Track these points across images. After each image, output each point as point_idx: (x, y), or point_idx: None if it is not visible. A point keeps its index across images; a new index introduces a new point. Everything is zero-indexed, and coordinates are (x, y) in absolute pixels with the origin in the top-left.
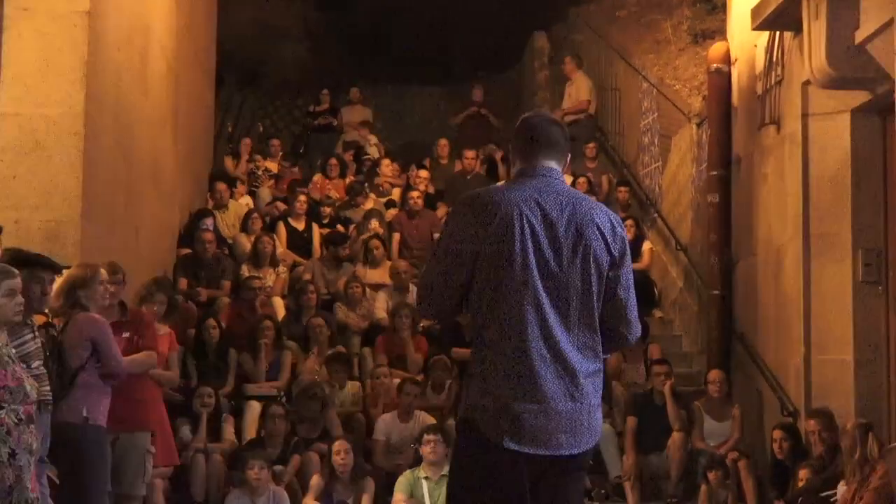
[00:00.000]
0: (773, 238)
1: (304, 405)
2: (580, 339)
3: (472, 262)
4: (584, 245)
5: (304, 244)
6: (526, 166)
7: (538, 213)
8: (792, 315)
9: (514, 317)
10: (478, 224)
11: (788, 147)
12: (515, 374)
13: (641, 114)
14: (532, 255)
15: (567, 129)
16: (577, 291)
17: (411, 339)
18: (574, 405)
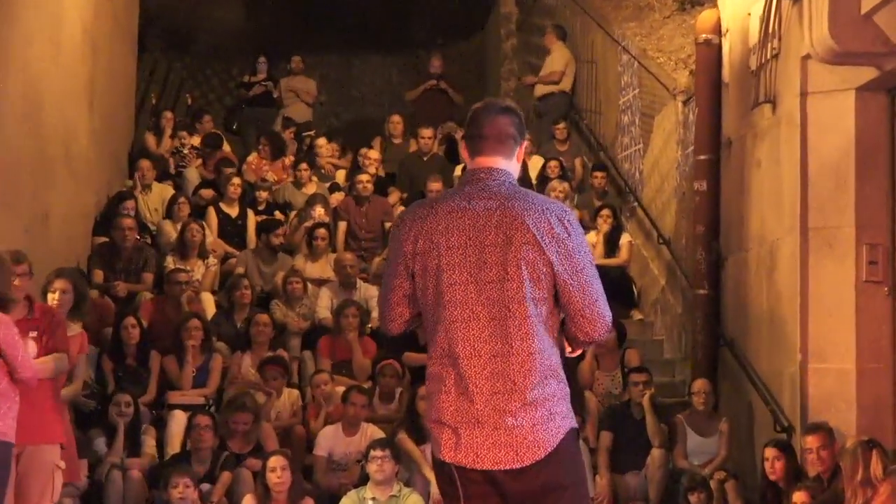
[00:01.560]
0: (766, 231)
1: (233, 416)
2: (524, 352)
3: (410, 278)
4: (513, 250)
5: (238, 233)
6: (468, 167)
7: (465, 223)
8: (787, 318)
9: (450, 335)
10: (407, 241)
11: (785, 129)
12: (454, 391)
13: (621, 90)
14: (460, 270)
15: (521, 115)
16: (513, 300)
17: (358, 341)
18: (514, 420)
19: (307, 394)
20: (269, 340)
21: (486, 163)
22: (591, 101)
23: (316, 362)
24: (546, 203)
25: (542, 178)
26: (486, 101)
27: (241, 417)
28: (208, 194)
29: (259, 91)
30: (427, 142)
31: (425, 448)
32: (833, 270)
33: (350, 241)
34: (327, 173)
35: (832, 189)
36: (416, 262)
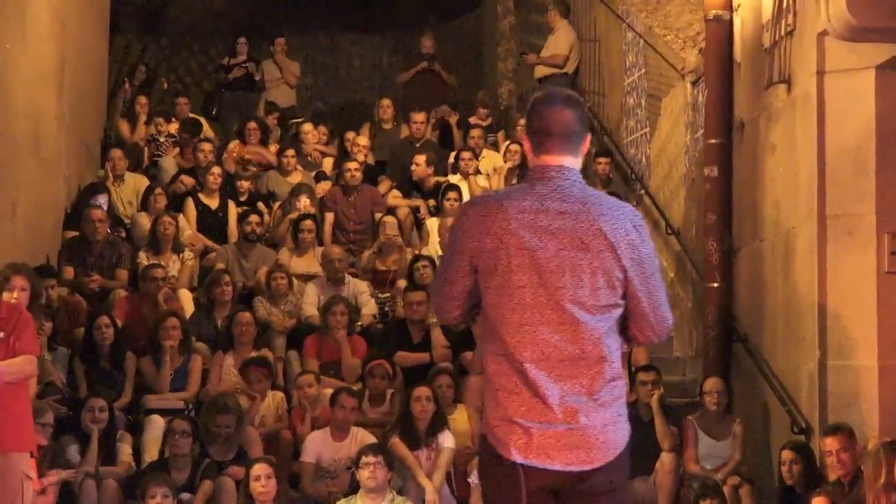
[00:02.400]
0: (782, 220)
1: (214, 419)
2: (592, 355)
3: (472, 273)
4: (589, 258)
5: (219, 226)
6: (534, 164)
7: (538, 225)
8: (804, 312)
9: (517, 338)
10: (473, 237)
11: (801, 110)
12: (525, 392)
13: (625, 70)
14: (530, 273)
15: (584, 106)
16: (587, 307)
17: (347, 340)
18: (587, 421)
19: (293, 397)
20: (252, 340)
21: (553, 161)
22: (593, 82)
23: (302, 363)
24: (620, 207)
25: None
26: (548, 92)
27: (223, 420)
28: (188, 181)
29: (239, 74)
30: (419, 127)
31: (419, 453)
32: (853, 261)
33: (338, 233)
34: (313, 161)
35: (851, 174)
36: (481, 260)
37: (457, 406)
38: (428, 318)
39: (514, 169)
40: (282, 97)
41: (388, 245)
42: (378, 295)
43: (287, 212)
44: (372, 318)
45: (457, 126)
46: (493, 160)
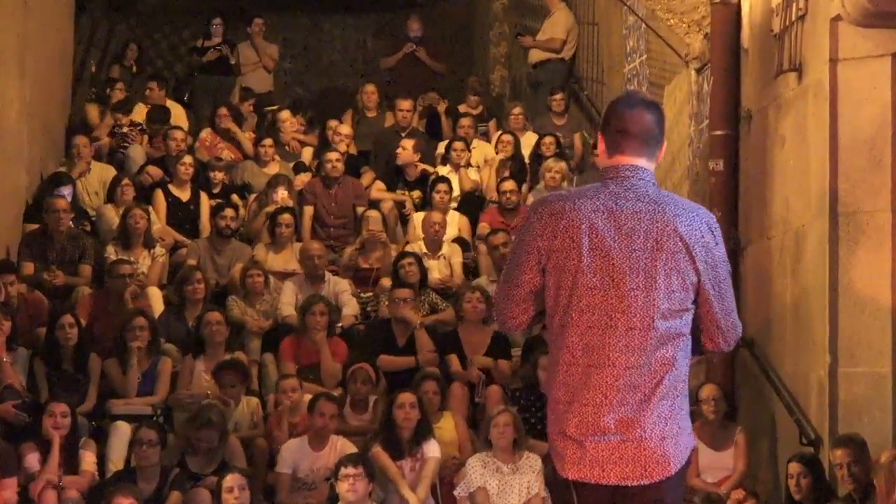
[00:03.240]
0: (791, 217)
1: (196, 433)
2: (658, 362)
3: (541, 275)
4: (663, 259)
5: (190, 219)
6: (608, 164)
7: (611, 225)
8: (814, 315)
9: (584, 341)
10: (543, 235)
11: (812, 100)
12: (583, 401)
13: (626, 56)
14: (602, 274)
15: (663, 111)
16: (660, 311)
17: (326, 342)
18: (643, 433)
19: (269, 402)
20: (224, 341)
21: (628, 161)
22: (592, 68)
23: (279, 366)
24: (695, 208)
25: (535, 156)
26: (629, 94)
27: (206, 434)
28: (156, 172)
29: (213, 57)
30: (405, 115)
31: (402, 464)
32: (866, 261)
33: (317, 228)
34: (292, 151)
35: (865, 168)
36: (550, 260)
37: (443, 414)
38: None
39: (507, 161)
40: (258, 82)
41: (371, 241)
42: (360, 294)
43: (263, 205)
44: (353, 319)
45: (445, 114)
46: (483, 151)
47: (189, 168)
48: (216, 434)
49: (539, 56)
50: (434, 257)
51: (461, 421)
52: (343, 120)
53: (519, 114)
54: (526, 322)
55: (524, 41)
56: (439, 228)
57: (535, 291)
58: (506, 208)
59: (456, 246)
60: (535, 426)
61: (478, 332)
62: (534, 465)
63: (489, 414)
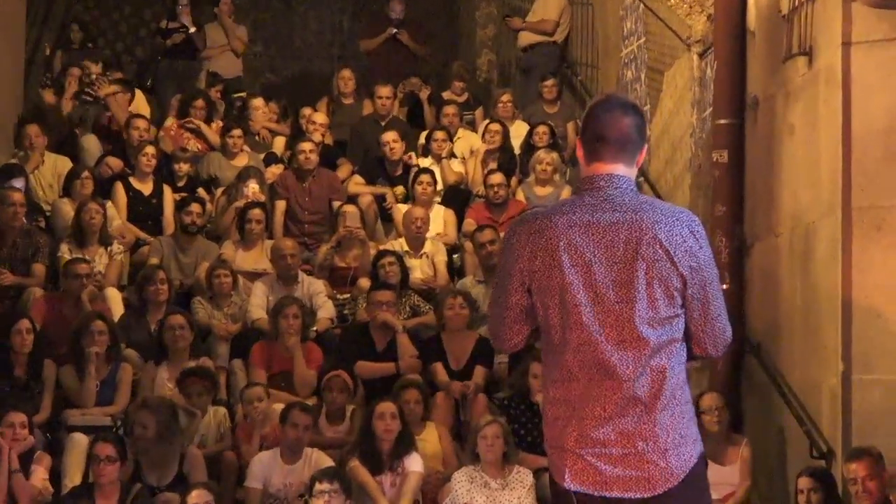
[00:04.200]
0: (801, 212)
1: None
2: (653, 371)
3: (527, 295)
4: (644, 268)
5: (152, 214)
6: (585, 174)
7: (589, 239)
8: (826, 319)
9: (578, 358)
10: (523, 257)
11: (824, 87)
12: (580, 415)
13: (623, 38)
14: (586, 290)
15: (643, 114)
16: (647, 321)
17: (300, 348)
18: (644, 445)
19: (237, 412)
20: (188, 347)
21: (604, 169)
22: (586, 52)
23: (248, 373)
24: (675, 212)
25: (527, 146)
26: (607, 97)
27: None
28: (116, 164)
29: (178, 39)
30: (385, 102)
31: (382, 479)
32: (882, 259)
33: (290, 224)
34: (262, 141)
35: (880, 160)
36: (534, 280)
37: (426, 424)
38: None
39: (494, 152)
40: (226, 67)
41: (348, 238)
42: (336, 296)
43: (232, 199)
44: (329, 323)
45: (428, 102)
46: (469, 141)
47: (151, 159)
48: (152, 420)
49: (529, 39)
50: (416, 256)
51: (446, 432)
52: (318, 108)
53: (507, 101)
54: (522, 342)
55: (513, 23)
56: (421, 224)
57: (524, 312)
58: (493, 203)
59: (439, 244)
60: (526, 438)
61: (461, 337)
62: (524, 481)
63: (476, 425)
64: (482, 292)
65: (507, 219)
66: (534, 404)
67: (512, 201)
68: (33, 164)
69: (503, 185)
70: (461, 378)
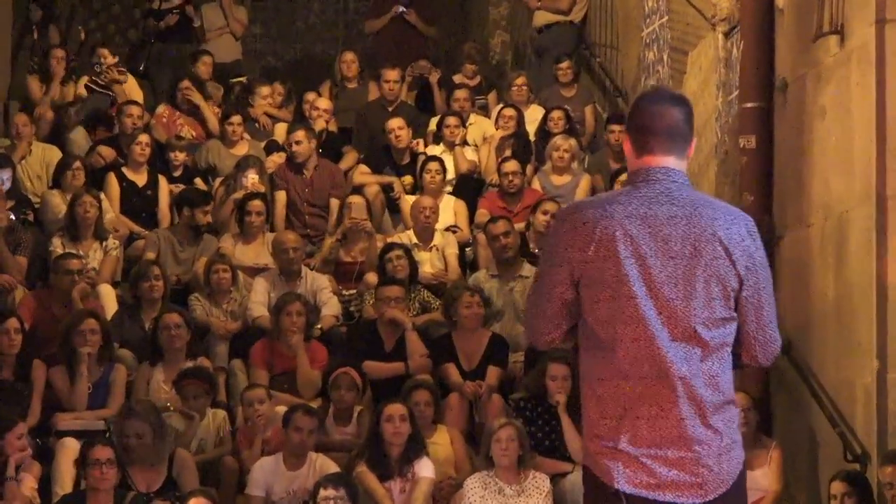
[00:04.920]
0: (833, 201)
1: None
2: (706, 374)
3: (573, 288)
4: (703, 266)
5: (147, 206)
6: (636, 167)
7: (645, 231)
8: (860, 314)
9: (631, 354)
10: (575, 246)
11: (857, 67)
12: (636, 415)
13: (644, 17)
14: (641, 284)
15: (691, 106)
16: (701, 320)
17: (304, 347)
18: (699, 449)
19: (237, 416)
20: (185, 347)
21: (657, 162)
22: (605, 33)
23: (249, 375)
24: (732, 211)
25: (542, 132)
26: (654, 89)
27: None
28: (108, 153)
29: (173, 21)
30: (392, 87)
31: (391, 485)
32: None
33: (291, 216)
34: (263, 128)
35: None
36: (585, 271)
37: (437, 428)
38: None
39: (508, 138)
40: (225, 50)
41: (353, 231)
42: (342, 292)
43: (231, 190)
44: (334, 320)
45: (438, 86)
46: (482, 127)
47: (145, 148)
48: (146, 427)
49: (545, 18)
50: (425, 248)
51: (458, 436)
52: (321, 93)
53: (522, 84)
54: (559, 338)
55: (528, 2)
56: (430, 214)
57: (567, 306)
58: (507, 192)
59: (450, 235)
60: (543, 441)
61: (474, 335)
62: (541, 486)
63: (490, 428)
64: (496, 287)
65: (521, 209)
66: (551, 406)
67: (527, 190)
68: (20, 155)
69: (518, 173)
70: (474, 379)
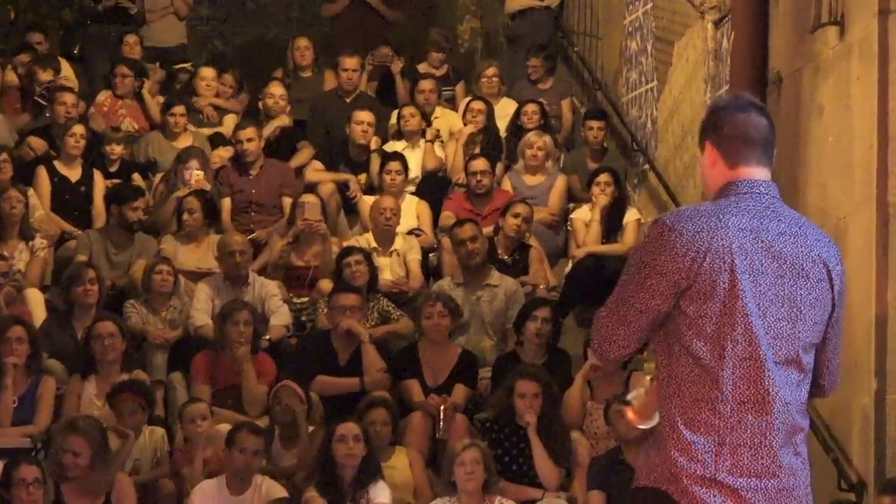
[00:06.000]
0: (829, 206)
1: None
2: (800, 400)
3: (673, 300)
4: (809, 288)
5: (80, 204)
6: (731, 179)
7: (759, 246)
8: (857, 330)
9: (738, 373)
10: (686, 256)
11: (857, 62)
12: (735, 442)
13: (627, 3)
14: (754, 300)
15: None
16: (803, 344)
17: (250, 359)
18: (795, 480)
19: (177, 434)
20: (122, 357)
21: (756, 174)
22: (583, 20)
23: (189, 389)
24: (825, 235)
25: (514, 128)
26: (736, 97)
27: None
28: (39, 145)
29: (111, 3)
30: (350, 75)
31: None
32: None
33: (237, 219)
34: (208, 120)
35: None
36: (695, 282)
37: (395, 449)
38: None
39: (477, 134)
40: (168, 33)
41: (306, 233)
42: (293, 300)
43: (172, 187)
44: (284, 331)
45: (401, 75)
46: (448, 121)
47: (80, 140)
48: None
49: (518, 3)
50: (385, 254)
51: (417, 458)
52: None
53: (493, 76)
54: (631, 354)
55: None
56: (391, 216)
57: (658, 319)
58: (475, 193)
59: (412, 239)
60: (510, 465)
61: (441, 349)
62: None
63: (452, 450)
64: (461, 297)
65: (490, 211)
66: (520, 427)
67: (497, 191)
68: None
69: (487, 172)
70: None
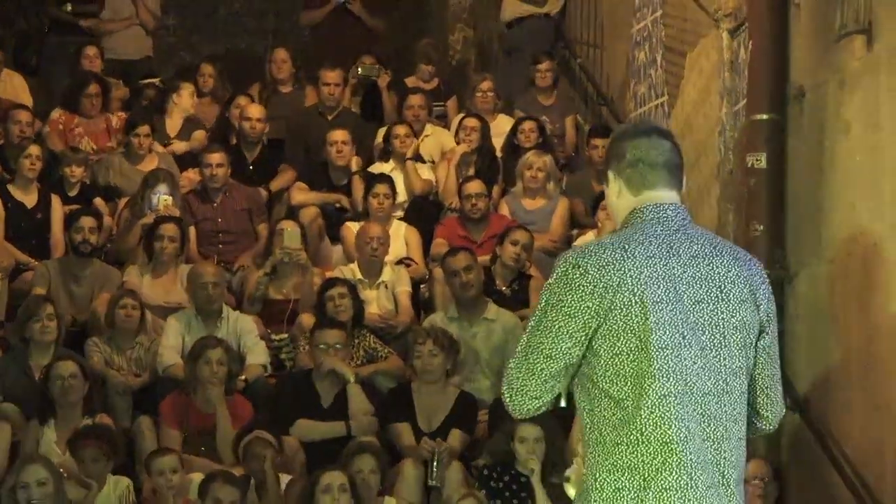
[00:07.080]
0: (859, 231)
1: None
2: (735, 435)
3: (585, 343)
4: (729, 309)
5: (37, 231)
6: (636, 205)
7: (670, 272)
8: (891, 365)
9: (660, 412)
10: (594, 293)
11: (887, 74)
12: (658, 486)
13: (635, 12)
14: (672, 331)
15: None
16: (729, 371)
17: (224, 402)
18: None
19: (144, 484)
20: (84, 400)
21: (662, 197)
22: (587, 29)
23: (158, 435)
24: (745, 253)
25: (511, 147)
26: (636, 124)
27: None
28: None
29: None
30: (332, 90)
31: None
32: None
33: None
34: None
35: None
36: (607, 320)
37: (384, 500)
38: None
39: (470, 154)
40: (133, 45)
41: (285, 263)
42: (271, 336)
43: (138, 213)
44: (261, 370)
45: (388, 90)
46: (439, 139)
47: (36, 162)
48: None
49: (515, 11)
50: (372, 286)
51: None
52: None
53: (488, 90)
54: (547, 404)
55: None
56: (378, 245)
57: (570, 365)
58: (470, 218)
59: (402, 270)
60: None
61: (437, 390)
62: None
63: (448, 500)
64: (455, 332)
65: (486, 238)
66: (521, 475)
67: (494, 216)
68: None
69: (483, 195)
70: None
